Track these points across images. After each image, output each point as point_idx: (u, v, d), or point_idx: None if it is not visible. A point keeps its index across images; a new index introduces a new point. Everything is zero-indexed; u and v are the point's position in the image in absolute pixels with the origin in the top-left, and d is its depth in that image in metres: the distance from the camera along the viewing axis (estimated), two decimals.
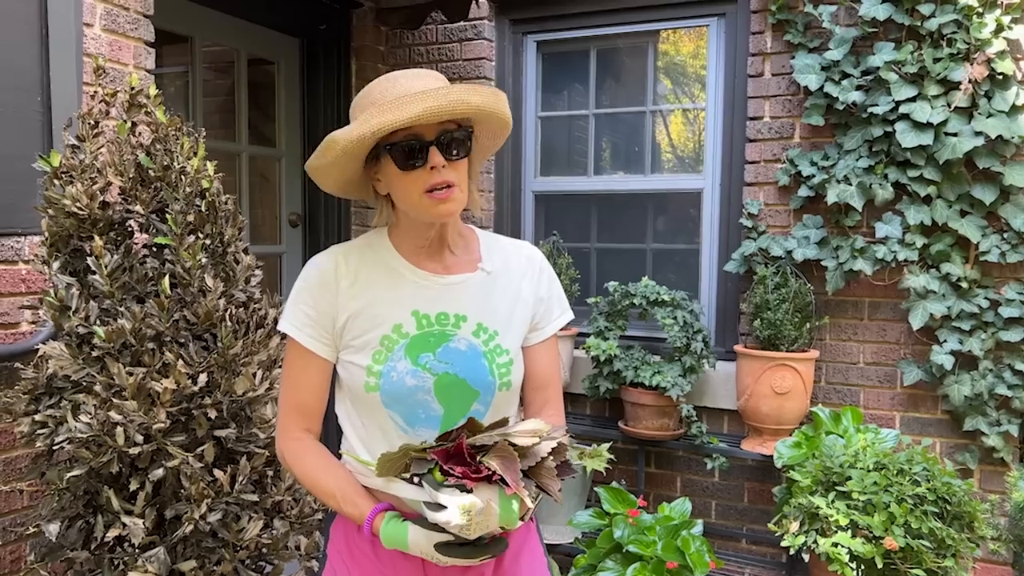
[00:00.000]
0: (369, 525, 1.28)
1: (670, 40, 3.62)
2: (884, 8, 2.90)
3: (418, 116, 1.20)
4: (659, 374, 3.07)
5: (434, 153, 1.26)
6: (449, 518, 1.14)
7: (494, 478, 1.16)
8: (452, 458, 1.17)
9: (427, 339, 1.34)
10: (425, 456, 1.20)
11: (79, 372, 1.76)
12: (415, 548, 1.22)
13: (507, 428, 1.21)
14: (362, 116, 1.24)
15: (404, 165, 1.27)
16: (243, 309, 1.96)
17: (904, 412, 3.06)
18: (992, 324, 2.85)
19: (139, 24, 2.36)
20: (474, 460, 1.17)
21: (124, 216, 1.90)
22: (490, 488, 1.17)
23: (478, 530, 1.16)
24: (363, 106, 1.31)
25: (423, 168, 1.27)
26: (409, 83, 1.30)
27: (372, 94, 1.32)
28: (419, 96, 1.21)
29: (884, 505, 2.29)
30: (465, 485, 1.15)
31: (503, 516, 1.17)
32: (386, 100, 1.25)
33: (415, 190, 1.28)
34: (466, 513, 1.14)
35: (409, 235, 1.39)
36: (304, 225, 3.70)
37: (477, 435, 1.19)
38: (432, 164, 1.26)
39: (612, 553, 2.60)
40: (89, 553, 1.81)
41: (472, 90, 1.26)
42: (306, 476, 1.35)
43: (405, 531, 1.23)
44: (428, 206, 1.29)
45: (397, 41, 3.81)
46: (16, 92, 2.06)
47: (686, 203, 3.54)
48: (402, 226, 1.40)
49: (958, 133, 2.80)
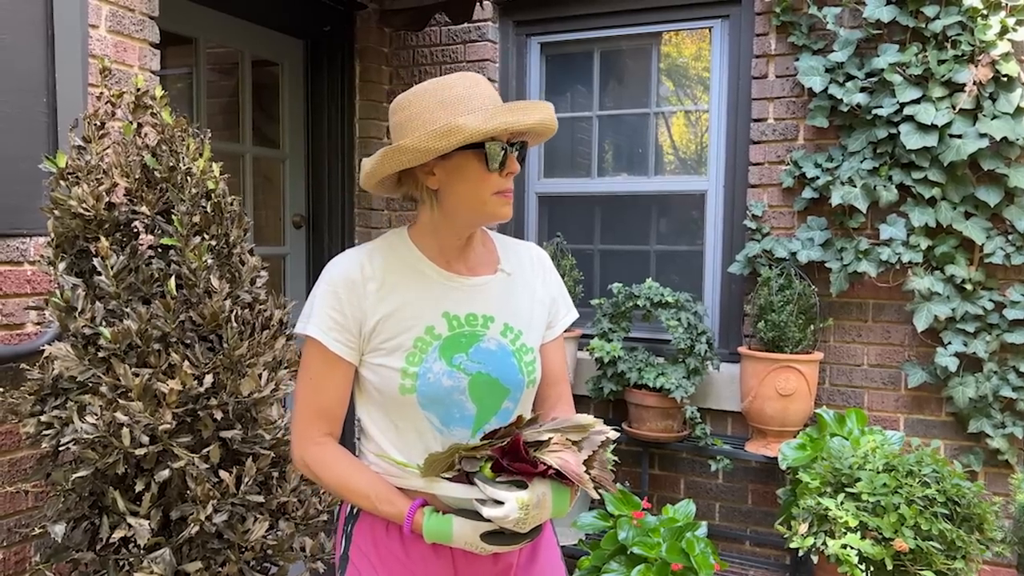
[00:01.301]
0: (410, 521, 1.29)
1: (673, 42, 3.62)
2: (888, 10, 2.90)
3: (539, 122, 1.30)
4: (663, 376, 3.07)
5: (513, 160, 1.32)
6: (508, 512, 1.18)
7: (548, 472, 1.20)
8: (508, 454, 1.21)
9: (459, 340, 1.37)
10: (475, 455, 1.24)
11: (85, 373, 1.76)
12: (460, 539, 1.25)
13: (555, 424, 1.27)
14: (483, 113, 1.27)
15: (492, 167, 1.31)
16: (249, 310, 1.96)
17: (908, 414, 3.06)
18: (997, 326, 2.84)
19: (144, 25, 2.36)
20: (529, 455, 1.21)
21: (130, 217, 1.90)
22: (544, 482, 1.22)
23: (532, 523, 1.21)
24: (429, 107, 1.31)
25: (499, 172, 1.32)
26: (490, 89, 1.35)
27: (439, 94, 1.31)
28: (533, 106, 1.31)
29: (894, 507, 2.29)
30: (520, 480, 1.21)
31: (556, 508, 1.23)
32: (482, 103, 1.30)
33: (488, 190, 1.32)
34: (524, 508, 1.18)
35: (440, 236, 1.40)
36: (308, 226, 3.70)
37: (528, 431, 1.24)
38: (510, 170, 1.33)
39: (616, 555, 2.60)
40: (94, 554, 1.81)
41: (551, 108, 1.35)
42: (335, 480, 1.35)
43: (449, 523, 1.26)
44: (496, 205, 1.34)
45: (401, 43, 3.81)
46: (22, 94, 2.06)
47: (690, 205, 3.54)
48: (435, 226, 1.40)
49: (962, 135, 2.80)
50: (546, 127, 1.33)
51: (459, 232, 1.40)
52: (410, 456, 1.34)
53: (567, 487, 1.24)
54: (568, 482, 1.22)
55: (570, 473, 1.19)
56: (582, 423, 1.26)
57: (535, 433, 1.23)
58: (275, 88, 3.58)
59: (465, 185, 1.33)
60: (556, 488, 1.23)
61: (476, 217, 1.37)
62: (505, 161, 1.31)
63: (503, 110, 1.28)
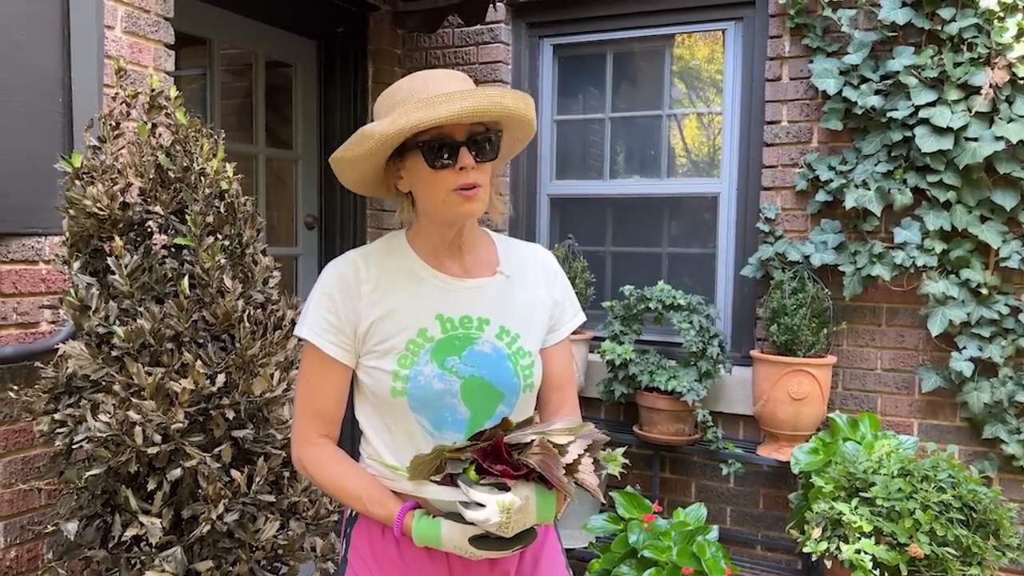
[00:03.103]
0: (400, 524, 1.27)
1: (686, 44, 3.61)
2: (904, 12, 2.88)
3: (457, 114, 1.21)
4: (675, 379, 3.06)
5: (464, 154, 1.26)
6: (488, 516, 1.15)
7: (532, 475, 1.17)
8: (490, 456, 1.18)
9: (452, 342, 1.34)
10: (459, 456, 1.20)
11: (98, 372, 1.77)
12: (449, 543, 1.22)
13: (543, 426, 1.23)
14: (399, 111, 1.24)
15: (435, 164, 1.27)
16: (261, 310, 1.96)
17: (922, 419, 3.03)
18: (1012, 331, 2.82)
19: (159, 26, 2.37)
20: (512, 458, 1.18)
21: (144, 217, 1.91)
22: (527, 485, 1.18)
23: (515, 527, 1.17)
24: (392, 104, 1.31)
25: (452, 168, 1.27)
26: (443, 83, 1.30)
27: (401, 92, 1.32)
28: (458, 95, 1.22)
29: (909, 512, 2.27)
30: (503, 483, 1.17)
31: (540, 513, 1.19)
32: (422, 97, 1.25)
33: (442, 188, 1.28)
34: (505, 511, 1.15)
35: (428, 237, 1.39)
36: (320, 227, 3.71)
37: (512, 433, 1.20)
38: (462, 165, 1.27)
39: (627, 558, 2.59)
40: (106, 552, 1.82)
41: (505, 93, 1.27)
42: (328, 480, 1.35)
43: (438, 527, 1.23)
44: (454, 203, 1.29)
45: (414, 44, 3.82)
46: (38, 94, 2.07)
47: (702, 207, 3.52)
48: (421, 228, 1.40)
49: (978, 138, 2.78)
50: (479, 114, 1.23)
51: (441, 231, 1.37)
52: (402, 459, 1.32)
53: (552, 492, 1.20)
54: (551, 486, 1.18)
55: (549, 475, 1.15)
56: (570, 426, 1.22)
57: (519, 435, 1.20)
58: (288, 89, 3.60)
59: (421, 185, 1.31)
60: (540, 492, 1.19)
61: (442, 216, 1.33)
62: (452, 157, 1.26)
63: (416, 106, 1.22)
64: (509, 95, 1.26)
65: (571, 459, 1.18)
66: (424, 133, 1.26)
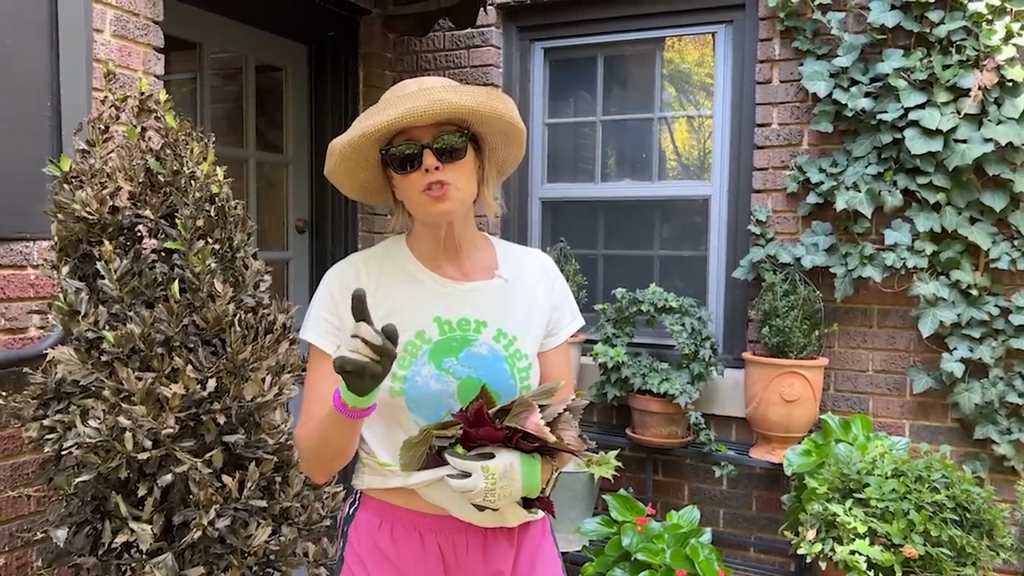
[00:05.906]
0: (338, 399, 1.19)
1: (676, 47, 3.62)
2: (893, 15, 2.89)
3: (399, 118, 1.24)
4: (667, 381, 3.06)
5: (427, 156, 1.29)
6: (476, 483, 1.18)
7: (515, 438, 1.21)
8: (473, 422, 1.22)
9: (450, 344, 1.36)
10: (446, 432, 1.24)
11: (88, 377, 1.76)
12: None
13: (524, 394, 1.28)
14: (358, 123, 1.29)
15: (399, 169, 1.32)
16: (252, 314, 1.95)
17: (914, 420, 3.04)
18: (1002, 332, 2.83)
19: (149, 30, 2.36)
20: (493, 422, 1.22)
21: (133, 221, 1.90)
22: (512, 453, 1.22)
23: (502, 495, 1.20)
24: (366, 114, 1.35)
25: (419, 171, 1.30)
26: (408, 89, 1.33)
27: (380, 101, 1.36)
28: (402, 98, 1.26)
29: (903, 512, 2.28)
30: (489, 453, 1.21)
31: (525, 479, 1.21)
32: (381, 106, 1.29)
33: (414, 191, 1.32)
34: (490, 476, 1.18)
35: (423, 240, 1.42)
36: (311, 231, 3.69)
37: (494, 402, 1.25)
38: (426, 166, 1.29)
39: (620, 561, 2.59)
40: (97, 559, 1.80)
41: (457, 90, 1.28)
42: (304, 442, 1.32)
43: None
44: (425, 204, 1.32)
45: (405, 48, 3.81)
46: (26, 97, 2.06)
47: (693, 210, 3.53)
48: (416, 231, 1.43)
49: (968, 140, 2.79)
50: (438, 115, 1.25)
51: (431, 234, 1.40)
52: (396, 458, 1.33)
53: (536, 458, 1.24)
54: (534, 449, 1.22)
55: (531, 427, 1.19)
56: (550, 388, 1.26)
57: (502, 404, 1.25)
58: (279, 93, 3.59)
59: (399, 190, 1.37)
60: (524, 460, 1.22)
61: (421, 218, 1.38)
62: (417, 159, 1.29)
63: (367, 115, 1.28)
64: (463, 92, 1.28)
65: (551, 417, 1.22)
66: (392, 140, 1.31)
